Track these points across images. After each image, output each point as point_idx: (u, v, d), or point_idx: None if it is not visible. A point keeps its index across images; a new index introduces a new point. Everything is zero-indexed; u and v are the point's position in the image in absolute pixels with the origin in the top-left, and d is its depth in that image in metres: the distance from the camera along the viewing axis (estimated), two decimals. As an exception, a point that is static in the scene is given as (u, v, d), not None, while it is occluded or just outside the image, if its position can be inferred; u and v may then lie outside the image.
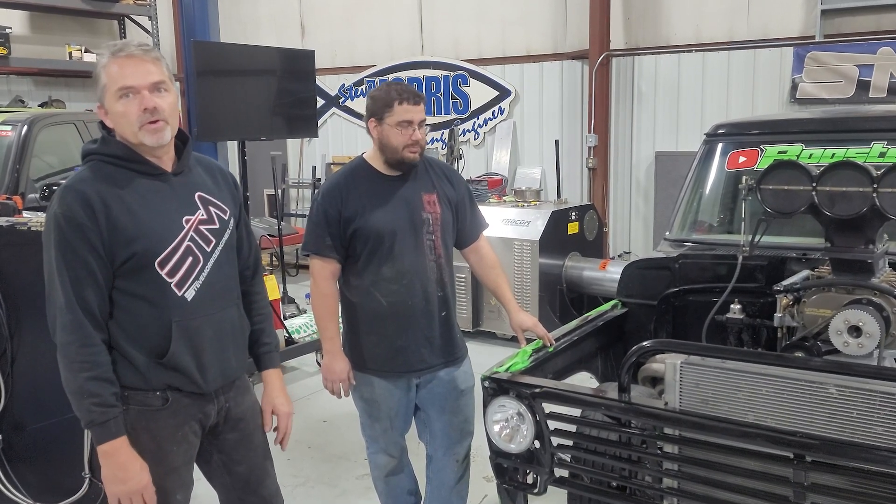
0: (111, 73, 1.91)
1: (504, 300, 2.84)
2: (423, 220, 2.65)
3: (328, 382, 2.73)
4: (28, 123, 5.48)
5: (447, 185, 2.76)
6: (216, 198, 2.10)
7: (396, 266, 2.62)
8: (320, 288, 2.68)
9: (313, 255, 2.68)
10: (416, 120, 2.58)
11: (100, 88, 1.93)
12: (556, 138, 7.59)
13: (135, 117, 1.90)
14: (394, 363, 2.68)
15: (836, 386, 1.89)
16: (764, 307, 2.67)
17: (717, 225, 3.55)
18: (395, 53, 8.89)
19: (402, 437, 2.85)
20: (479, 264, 2.89)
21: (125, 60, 1.91)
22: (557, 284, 5.93)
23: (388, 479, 2.91)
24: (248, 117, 4.97)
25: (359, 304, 2.69)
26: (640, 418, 2.15)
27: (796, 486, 1.90)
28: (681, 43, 7.21)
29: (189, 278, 1.99)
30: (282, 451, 2.19)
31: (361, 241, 2.62)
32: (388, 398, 2.73)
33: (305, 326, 5.93)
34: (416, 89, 2.67)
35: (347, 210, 2.61)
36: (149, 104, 1.89)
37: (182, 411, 2.03)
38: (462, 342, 2.84)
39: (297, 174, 9.73)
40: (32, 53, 8.89)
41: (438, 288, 2.69)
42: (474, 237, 2.87)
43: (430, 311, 2.67)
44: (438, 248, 2.69)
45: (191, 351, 2.00)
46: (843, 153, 3.08)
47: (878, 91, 6.21)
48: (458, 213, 2.78)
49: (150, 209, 1.95)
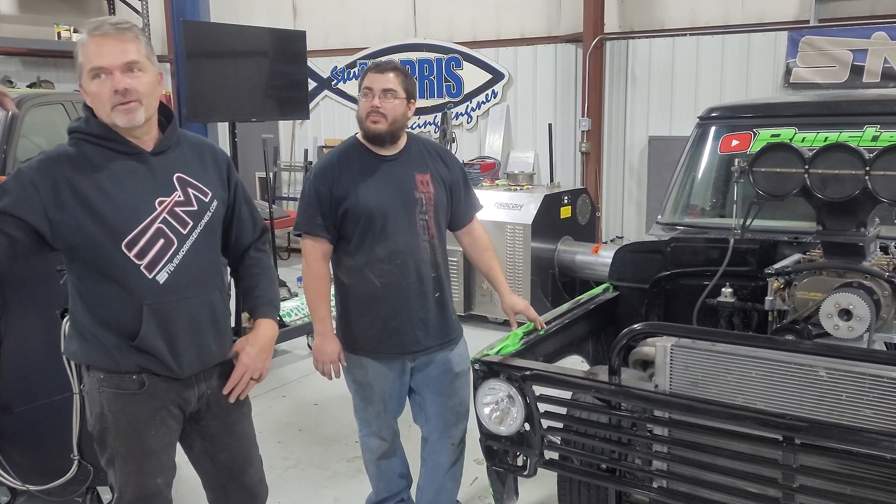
0: (87, 53, 1.88)
1: (496, 283, 2.83)
2: (415, 200, 2.63)
3: (319, 364, 2.71)
4: (15, 104, 5.42)
5: (441, 165, 2.74)
6: (198, 179, 2.05)
7: (389, 246, 2.59)
8: (312, 268, 2.66)
9: (305, 235, 2.65)
10: (377, 87, 2.55)
11: (77, 67, 1.90)
12: (550, 122, 7.55)
13: (106, 98, 1.87)
14: (387, 345, 2.67)
15: (826, 369, 1.89)
16: (755, 290, 2.67)
17: (709, 208, 3.55)
18: (389, 35, 8.82)
19: (394, 421, 2.85)
20: (473, 246, 2.87)
21: (101, 39, 1.87)
22: (550, 268, 5.93)
23: (379, 462, 2.90)
24: (238, 99, 4.91)
25: (352, 286, 2.67)
26: (630, 401, 2.15)
27: (785, 469, 1.91)
28: (675, 27, 7.18)
29: (161, 261, 1.95)
30: (273, 435, 2.17)
31: (353, 221, 2.59)
32: (381, 381, 2.72)
33: (296, 310, 5.92)
34: (395, 62, 2.65)
35: (339, 189, 2.58)
36: (119, 85, 1.85)
37: (160, 395, 2.00)
38: (457, 324, 2.83)
39: (289, 157, 9.67)
40: (20, 33, 8.77)
41: (432, 269, 2.67)
42: (468, 219, 2.84)
43: (424, 292, 2.66)
44: (432, 229, 2.66)
45: (163, 335, 1.96)
46: (836, 136, 3.07)
47: (872, 76, 6.20)
48: (453, 194, 2.76)
49: (123, 189, 1.92)
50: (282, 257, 8.01)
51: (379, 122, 2.56)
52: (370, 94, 2.55)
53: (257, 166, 8.31)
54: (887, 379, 1.82)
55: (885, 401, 1.83)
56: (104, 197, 1.90)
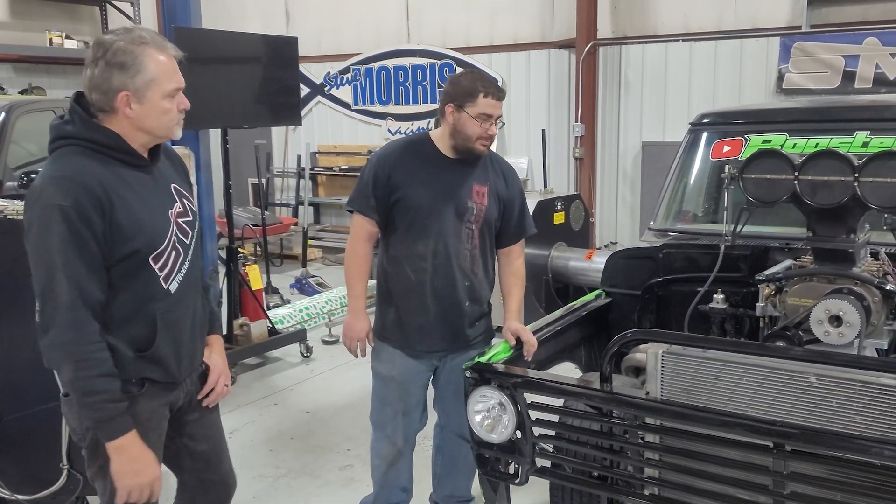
0: (166, 70, 1.89)
1: (506, 307, 2.78)
2: (466, 208, 2.67)
3: (347, 340, 2.78)
4: (6, 110, 5.39)
5: (501, 181, 2.78)
6: (184, 188, 2.08)
7: (430, 245, 2.65)
8: (355, 247, 2.73)
9: (356, 212, 2.71)
10: (496, 115, 2.60)
11: (143, 79, 1.85)
12: (543, 127, 7.56)
13: (175, 116, 1.94)
14: (412, 341, 2.72)
15: (816, 375, 1.89)
16: (746, 297, 2.67)
17: (701, 214, 3.55)
18: (382, 41, 8.83)
19: (412, 429, 2.86)
20: (506, 269, 2.89)
21: (171, 58, 1.91)
22: (543, 274, 5.92)
23: (387, 470, 2.90)
24: (230, 105, 4.90)
25: (391, 274, 2.73)
26: (622, 408, 2.15)
27: (776, 475, 1.91)
28: (668, 32, 7.21)
29: (174, 271, 1.98)
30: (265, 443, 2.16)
31: (402, 212, 2.65)
32: (405, 378, 2.76)
33: (289, 317, 5.92)
34: (499, 83, 2.66)
35: (396, 176, 2.64)
36: (187, 105, 1.95)
37: (157, 396, 2.02)
38: (488, 332, 2.86)
39: (282, 163, 9.66)
40: (12, 40, 8.75)
41: (467, 277, 2.71)
42: (515, 239, 2.87)
43: (454, 298, 2.69)
44: (475, 238, 2.71)
45: (172, 343, 1.99)
46: (826, 143, 3.08)
47: (864, 81, 6.23)
48: (506, 212, 2.79)
49: (143, 204, 1.91)
50: (274, 263, 7.99)
51: (487, 147, 2.65)
52: (489, 121, 2.58)
53: (250, 172, 8.30)
54: (877, 385, 1.82)
55: (875, 407, 1.83)
56: (132, 213, 1.87)
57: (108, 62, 1.84)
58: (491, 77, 2.65)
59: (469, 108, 2.57)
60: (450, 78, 2.72)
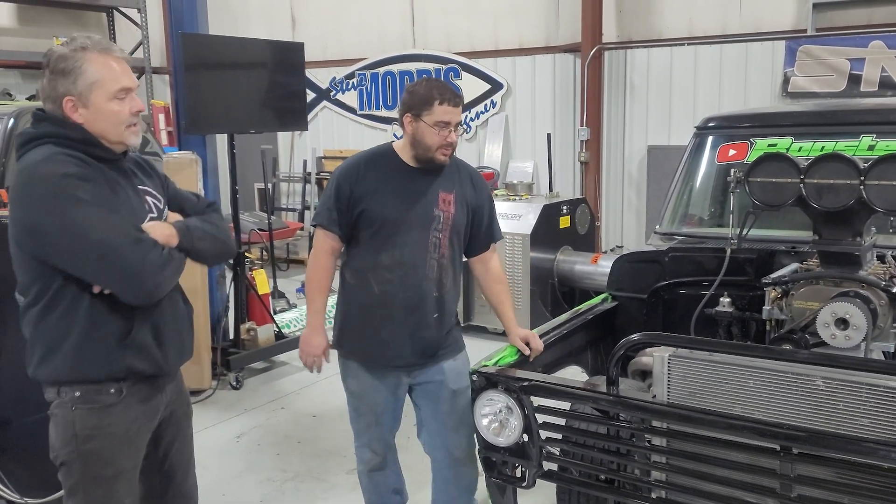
0: (112, 71, 1.89)
1: (504, 318, 2.76)
2: (433, 217, 2.62)
3: (304, 355, 2.74)
4: (14, 116, 5.42)
5: (469, 187, 2.73)
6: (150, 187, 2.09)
7: (395, 256, 2.60)
8: (318, 260, 2.70)
9: (318, 227, 2.70)
10: (454, 122, 2.56)
11: (84, 82, 1.87)
12: (548, 132, 7.58)
13: (126, 118, 1.91)
14: (375, 354, 2.67)
15: (823, 378, 1.89)
16: (753, 300, 2.67)
17: (707, 218, 3.55)
18: (387, 46, 8.86)
19: (388, 435, 2.83)
20: (485, 277, 2.84)
21: (117, 60, 1.90)
22: (549, 278, 5.93)
23: (371, 474, 2.89)
24: (237, 110, 4.93)
25: (354, 288, 2.69)
26: (629, 411, 2.15)
27: (783, 478, 1.91)
28: (673, 36, 7.21)
29: None
30: (272, 447, 2.17)
31: (367, 224, 2.61)
32: (372, 393, 2.72)
33: (296, 321, 5.93)
34: (455, 89, 2.63)
35: (359, 189, 2.60)
36: (139, 107, 1.92)
37: (135, 405, 2.01)
38: (456, 343, 2.78)
39: (288, 168, 9.69)
40: (20, 46, 8.82)
41: (435, 288, 2.65)
42: (485, 247, 2.82)
43: (421, 310, 2.63)
44: (444, 248, 2.65)
45: (152, 329, 2.00)
46: (832, 146, 3.08)
47: (870, 85, 6.22)
48: (475, 219, 2.75)
49: (116, 196, 1.93)
50: (281, 268, 8.01)
51: (447, 155, 2.60)
52: (447, 128, 2.54)
53: (257, 177, 8.33)
54: (884, 388, 1.82)
55: (882, 410, 1.83)
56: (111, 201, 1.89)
57: (53, 70, 1.88)
58: (448, 84, 2.63)
59: (426, 116, 2.52)
60: (406, 87, 2.68)
